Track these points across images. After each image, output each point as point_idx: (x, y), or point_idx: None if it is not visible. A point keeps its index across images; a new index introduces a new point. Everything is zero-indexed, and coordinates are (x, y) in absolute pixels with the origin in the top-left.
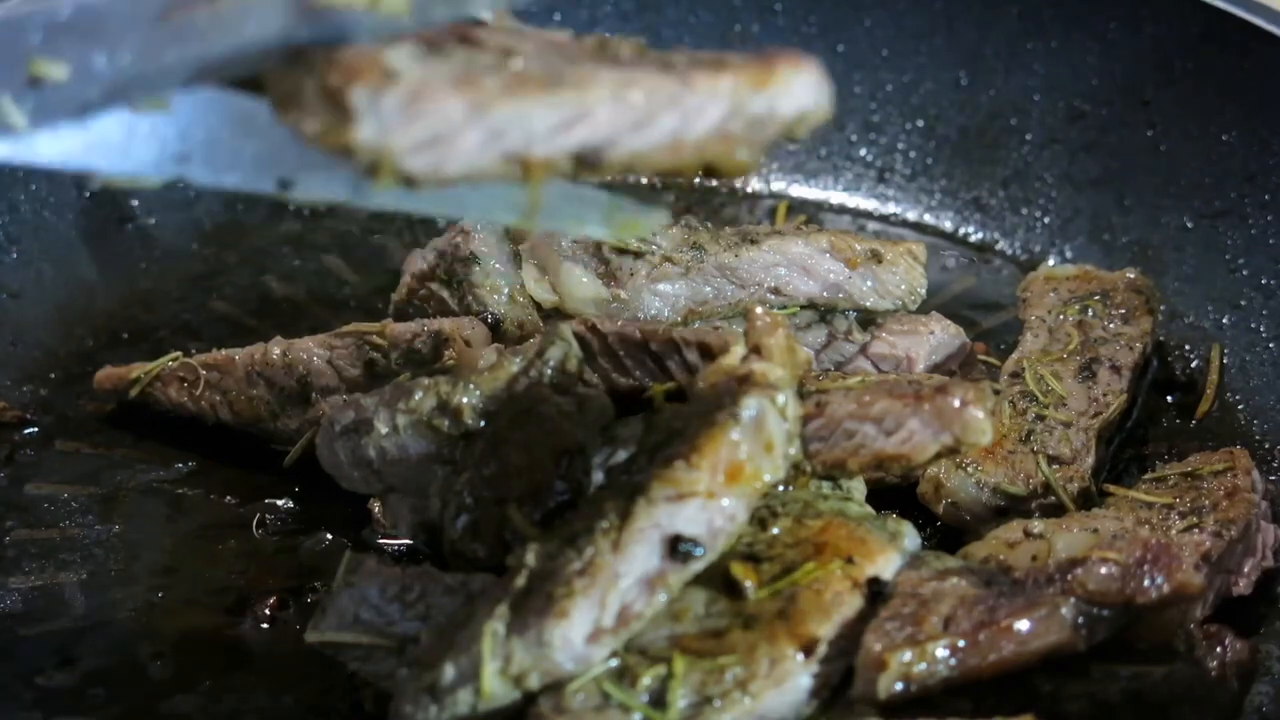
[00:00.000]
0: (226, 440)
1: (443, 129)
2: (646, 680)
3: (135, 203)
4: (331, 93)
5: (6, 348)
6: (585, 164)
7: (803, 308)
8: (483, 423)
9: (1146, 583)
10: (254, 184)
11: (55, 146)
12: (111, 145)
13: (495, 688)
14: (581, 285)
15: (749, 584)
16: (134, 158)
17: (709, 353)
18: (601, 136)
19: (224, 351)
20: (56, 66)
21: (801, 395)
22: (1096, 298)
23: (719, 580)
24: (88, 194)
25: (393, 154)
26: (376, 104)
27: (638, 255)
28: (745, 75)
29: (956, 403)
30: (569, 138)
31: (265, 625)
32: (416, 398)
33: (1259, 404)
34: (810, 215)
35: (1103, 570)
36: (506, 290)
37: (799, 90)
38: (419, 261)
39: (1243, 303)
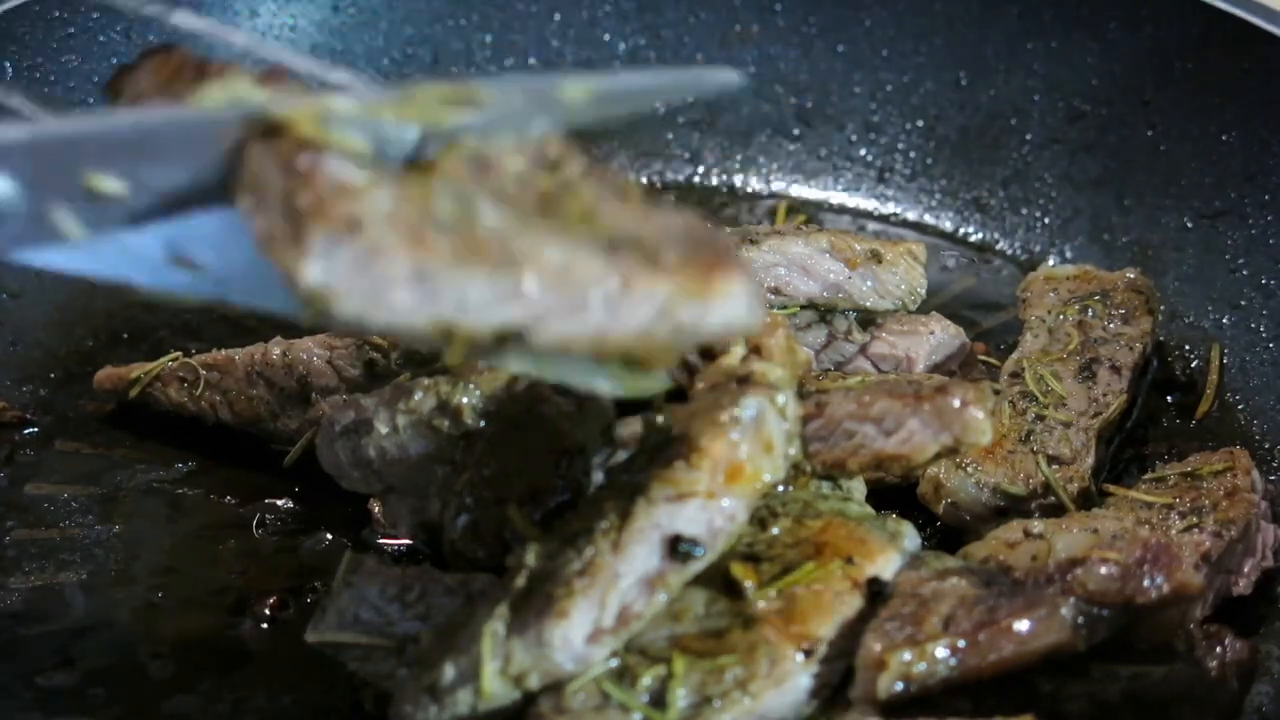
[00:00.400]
0: (226, 440)
1: (383, 285)
2: (646, 680)
3: None
4: (294, 213)
5: (6, 348)
6: (505, 341)
7: (803, 308)
8: (483, 423)
9: (1146, 583)
10: (288, 308)
11: (102, 258)
12: (155, 262)
13: (495, 688)
14: None
15: (749, 584)
16: (173, 278)
17: (709, 353)
18: (530, 318)
19: (224, 351)
20: (113, 181)
21: (801, 395)
22: (1096, 298)
23: (719, 580)
24: None
25: (328, 296)
26: (332, 251)
27: None
28: (682, 282)
29: (956, 403)
30: (499, 314)
31: (265, 625)
32: (416, 398)
33: (1259, 404)
34: (810, 215)
35: (1103, 570)
36: None
37: (731, 306)
38: None
39: (1243, 303)
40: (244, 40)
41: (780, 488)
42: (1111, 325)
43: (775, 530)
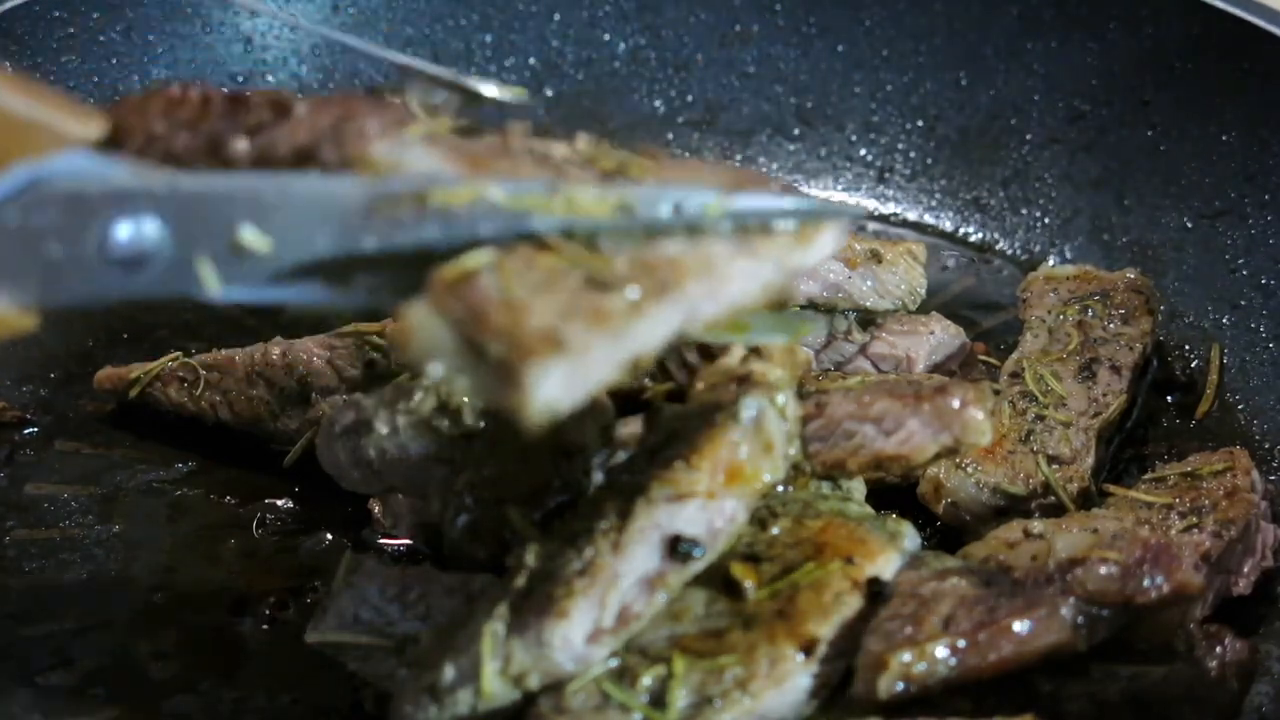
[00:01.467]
0: (226, 440)
1: (592, 371)
2: (646, 680)
3: None
4: (501, 365)
5: (6, 348)
6: (673, 342)
7: (803, 308)
8: (482, 423)
9: (1146, 583)
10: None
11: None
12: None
13: (495, 688)
14: None
15: (749, 584)
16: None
17: (708, 353)
18: (688, 316)
19: (224, 351)
20: (262, 239)
21: (801, 395)
22: (1096, 298)
23: (719, 580)
24: None
25: (556, 408)
26: (548, 377)
27: None
28: (789, 238)
29: (956, 403)
30: (669, 329)
31: (265, 625)
32: (416, 398)
33: (1259, 404)
34: None
35: (1103, 570)
36: None
37: (825, 244)
38: None
39: (1243, 303)
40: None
41: (780, 488)
42: (1111, 325)
43: (775, 530)
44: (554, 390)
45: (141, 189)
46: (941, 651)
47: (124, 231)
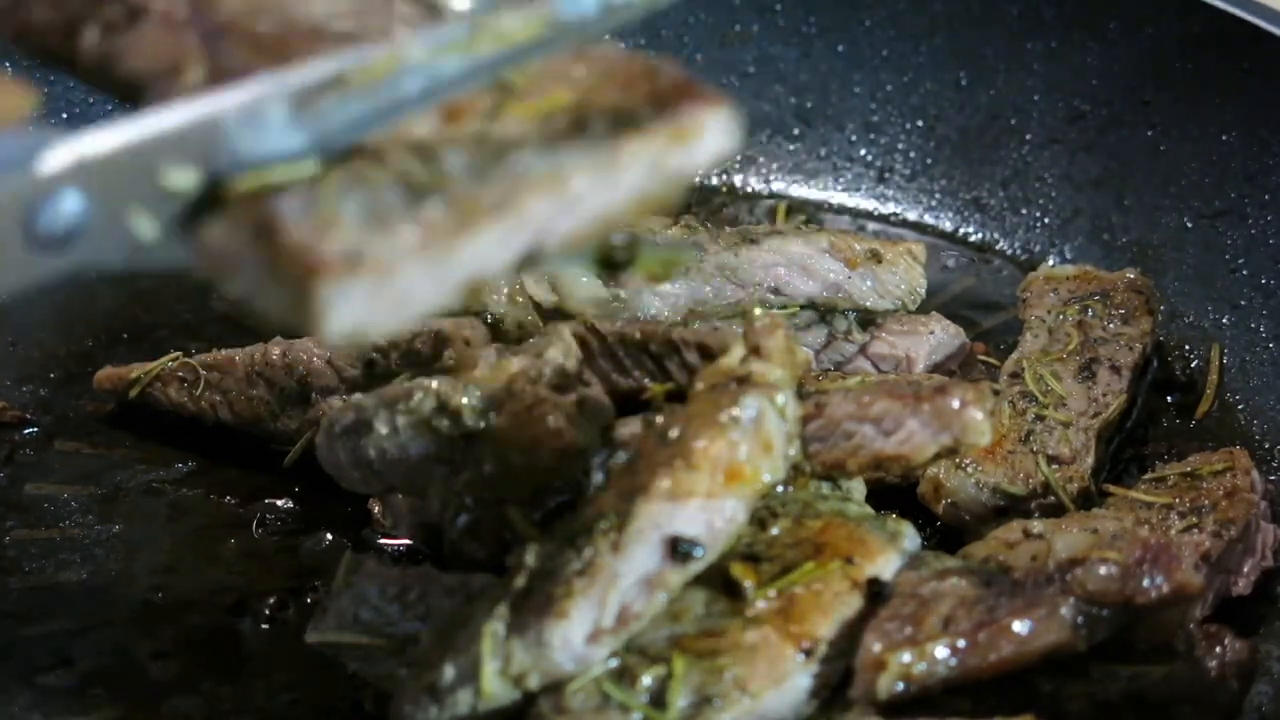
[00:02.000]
0: (226, 440)
1: (405, 292)
2: (646, 680)
3: None
4: (285, 280)
5: (6, 348)
6: (526, 264)
7: (802, 308)
8: (482, 423)
9: (1146, 583)
10: None
11: None
12: None
13: (495, 688)
14: (581, 285)
15: (749, 584)
16: None
17: (708, 353)
18: (539, 236)
19: (224, 351)
20: (187, 175)
21: (801, 396)
22: (1096, 298)
23: (719, 580)
24: None
25: (361, 331)
26: (344, 297)
27: None
28: (660, 137)
29: (956, 403)
30: (513, 250)
31: (265, 625)
32: (416, 398)
33: (1259, 404)
34: (810, 215)
35: (1102, 570)
36: (506, 290)
37: (711, 140)
38: None
39: (1243, 303)
40: None
41: (780, 488)
42: (1111, 325)
43: (775, 530)
44: (355, 312)
45: (54, 166)
46: (941, 651)
47: (45, 213)
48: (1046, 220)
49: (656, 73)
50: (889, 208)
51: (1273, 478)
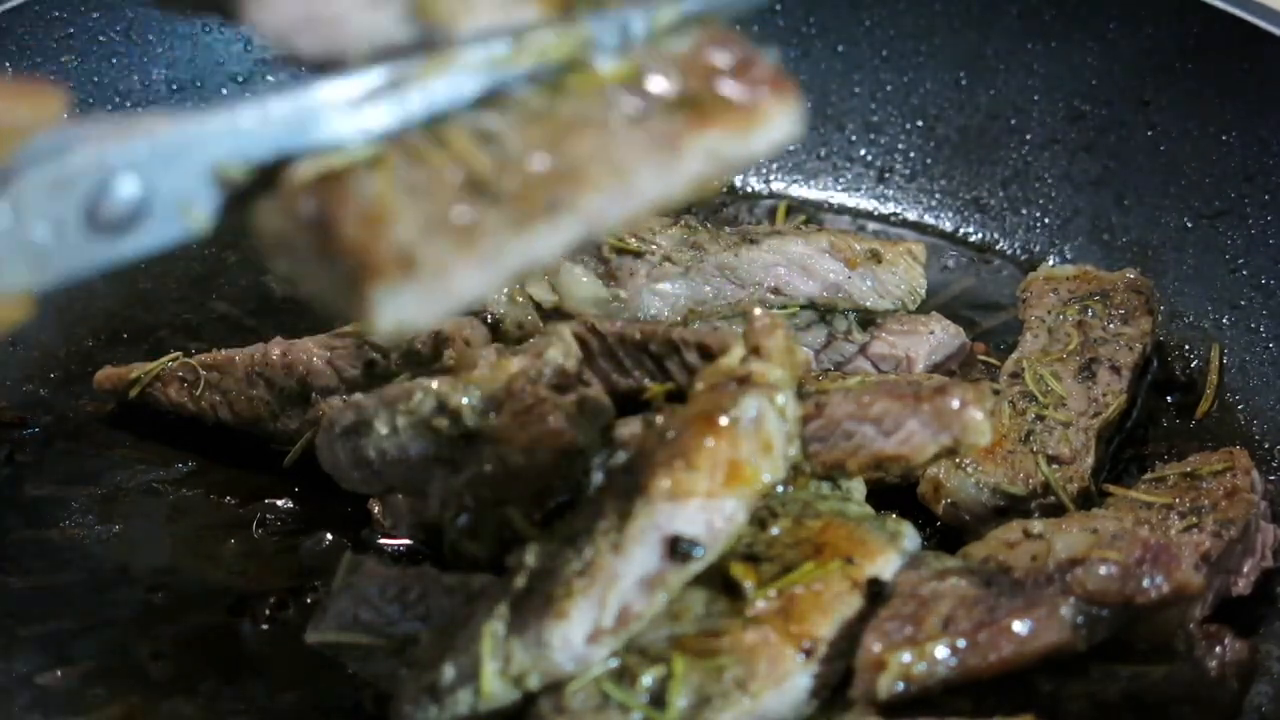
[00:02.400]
0: (226, 440)
1: (454, 290)
2: (646, 680)
3: None
4: (341, 274)
5: (6, 348)
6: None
7: (802, 308)
8: (482, 423)
9: (1146, 583)
10: None
11: None
12: None
13: (495, 688)
14: (581, 285)
15: (749, 584)
16: None
17: (708, 353)
18: (593, 225)
19: (224, 351)
20: (242, 167)
21: (801, 396)
22: (1096, 298)
23: (719, 580)
24: None
25: (408, 327)
26: (398, 297)
27: (637, 255)
28: (722, 128)
29: (956, 403)
30: (564, 241)
31: (265, 625)
32: (416, 398)
33: (1259, 404)
34: (810, 215)
35: (1102, 570)
36: (506, 290)
37: (775, 130)
38: None
39: (1243, 303)
40: None
41: (780, 488)
42: (1111, 325)
43: (775, 530)
44: (404, 311)
45: (115, 153)
46: (941, 651)
47: (106, 198)
48: (1046, 220)
49: (729, 53)
50: (889, 208)
51: (1273, 478)
